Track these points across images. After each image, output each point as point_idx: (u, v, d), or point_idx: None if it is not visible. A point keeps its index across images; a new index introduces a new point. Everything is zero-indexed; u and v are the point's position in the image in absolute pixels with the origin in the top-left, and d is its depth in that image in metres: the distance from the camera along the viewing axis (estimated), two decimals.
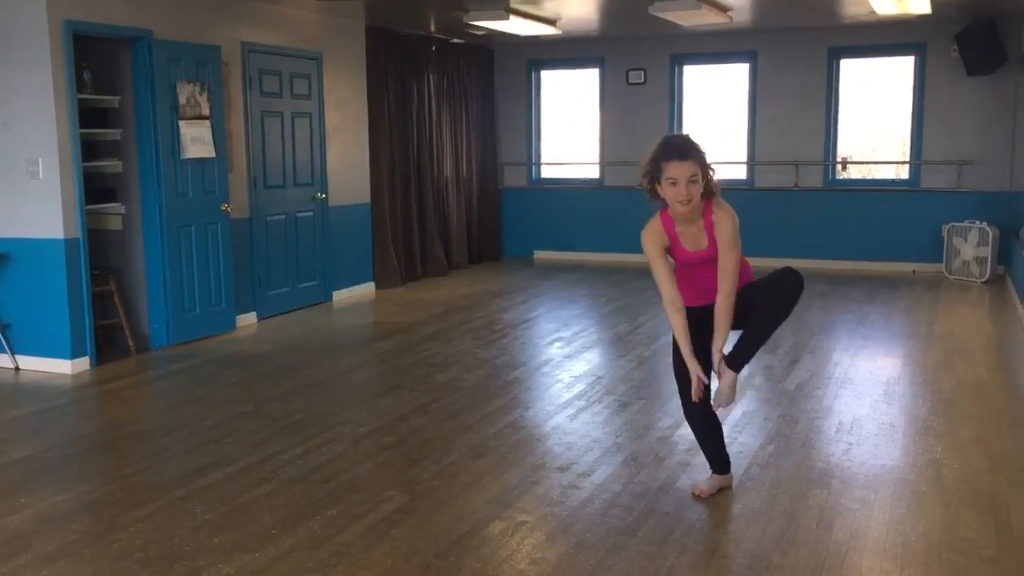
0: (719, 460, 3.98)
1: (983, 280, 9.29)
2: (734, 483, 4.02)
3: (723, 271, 3.72)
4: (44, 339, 6.19)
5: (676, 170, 3.60)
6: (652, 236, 3.84)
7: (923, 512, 3.73)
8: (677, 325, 3.80)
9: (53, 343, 6.17)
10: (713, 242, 3.73)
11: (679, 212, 3.68)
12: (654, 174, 3.69)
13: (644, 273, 10.85)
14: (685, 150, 3.64)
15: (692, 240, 3.77)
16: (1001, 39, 9.31)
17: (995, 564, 3.27)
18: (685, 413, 3.98)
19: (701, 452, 4.17)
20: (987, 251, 9.27)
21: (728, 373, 3.77)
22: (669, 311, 3.84)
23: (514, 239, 11.81)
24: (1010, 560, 3.30)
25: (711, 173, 3.69)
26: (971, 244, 9.39)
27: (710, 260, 3.76)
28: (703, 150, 3.68)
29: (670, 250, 3.83)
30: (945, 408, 5.13)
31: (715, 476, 3.97)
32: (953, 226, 9.56)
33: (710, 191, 3.70)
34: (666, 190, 3.66)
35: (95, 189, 6.56)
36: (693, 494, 3.92)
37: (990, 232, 9.25)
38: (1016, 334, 6.98)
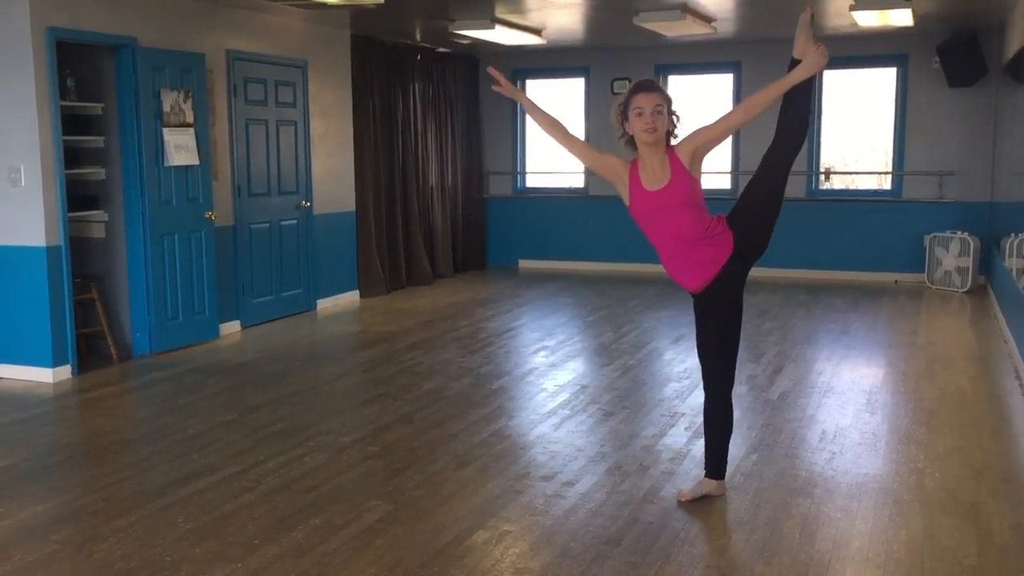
0: (717, 463, 3.97)
1: (964, 290, 9.36)
2: (718, 492, 4.02)
3: (726, 121, 3.91)
4: (25, 347, 6.15)
5: (642, 100, 3.76)
6: (618, 160, 3.94)
7: (905, 521, 3.74)
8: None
9: (34, 351, 6.13)
10: (676, 173, 3.78)
11: (645, 143, 3.78)
12: (625, 112, 3.82)
13: (629, 282, 10.93)
14: (652, 85, 3.86)
15: (654, 176, 3.81)
16: (982, 51, 9.40)
17: (977, 572, 3.29)
18: (706, 404, 3.96)
19: (685, 460, 4.18)
20: (968, 261, 9.34)
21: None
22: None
23: (499, 248, 11.82)
24: (991, 569, 3.32)
25: (675, 119, 3.85)
26: (952, 254, 9.46)
27: (671, 202, 3.78)
28: (671, 97, 3.87)
29: (628, 194, 3.90)
30: (927, 417, 5.16)
31: (706, 480, 3.98)
32: (935, 236, 9.63)
33: (672, 134, 3.84)
34: (633, 123, 3.78)
35: (78, 196, 6.53)
36: (678, 500, 3.93)
37: (971, 242, 9.32)
38: (997, 343, 7.03)
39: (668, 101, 3.81)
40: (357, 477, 4.31)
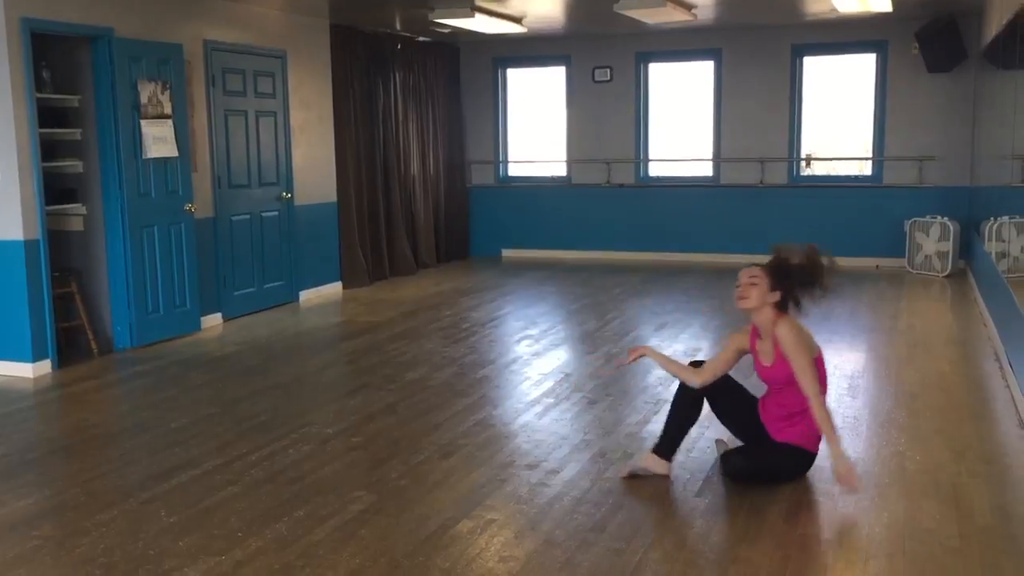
0: (671, 444, 4.06)
1: (945, 274, 9.42)
2: (701, 478, 4.04)
3: (798, 378, 3.85)
4: (4, 342, 6.09)
5: (742, 273, 3.93)
6: (739, 334, 4.08)
7: (886, 504, 3.77)
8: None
9: (13, 346, 6.08)
10: (778, 359, 3.87)
11: (746, 313, 3.93)
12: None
13: (613, 270, 10.93)
14: (758, 265, 3.94)
15: (765, 354, 3.96)
16: (961, 37, 9.45)
17: (958, 554, 3.32)
18: (678, 391, 4.11)
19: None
20: (948, 246, 9.40)
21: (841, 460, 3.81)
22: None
23: (482, 237, 11.80)
24: (973, 550, 3.34)
25: (794, 291, 3.86)
26: (933, 239, 9.51)
27: (778, 380, 3.91)
28: (790, 269, 3.86)
29: (753, 364, 4.05)
30: (908, 401, 5.19)
31: (653, 456, 4.04)
32: (915, 221, 9.68)
33: (783, 306, 3.88)
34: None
35: (55, 189, 6.46)
36: (620, 475, 4.05)
37: (951, 227, 9.38)
38: (977, 327, 7.08)
39: (771, 276, 3.84)
40: (341, 468, 4.30)
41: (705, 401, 4.11)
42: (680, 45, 10.70)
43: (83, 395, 5.76)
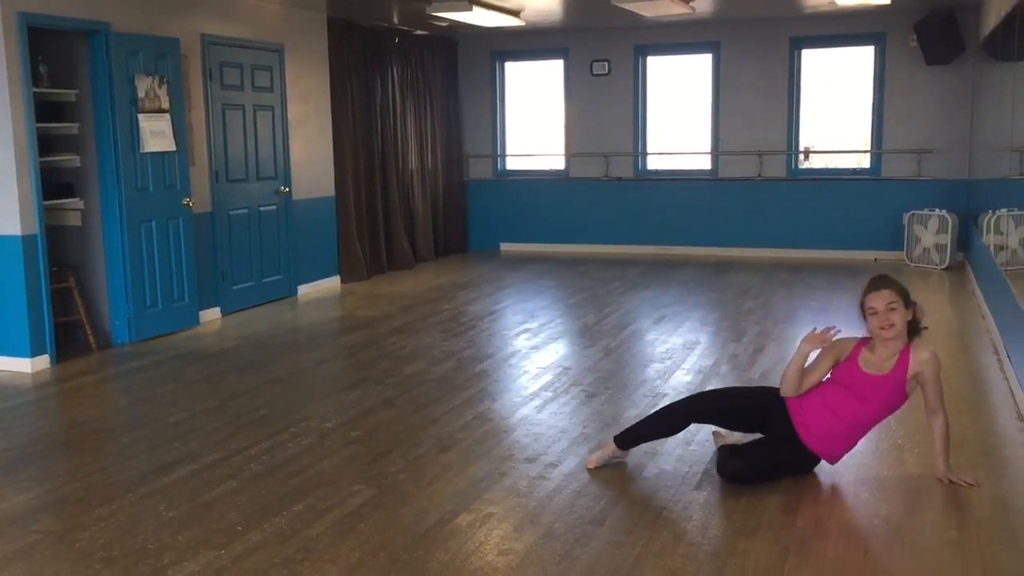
0: (635, 441, 4.12)
1: (943, 267, 9.42)
2: (700, 471, 4.05)
3: (931, 407, 3.86)
4: (2, 337, 6.09)
5: (874, 299, 3.78)
6: (840, 342, 3.95)
7: (885, 496, 3.77)
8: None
9: (12, 341, 6.07)
10: (894, 374, 3.79)
11: (884, 340, 3.80)
12: (862, 312, 3.86)
13: (611, 264, 10.92)
14: (881, 282, 3.84)
15: (874, 365, 3.84)
16: (959, 29, 9.44)
17: (956, 546, 3.32)
18: (679, 404, 4.16)
19: (668, 440, 4.22)
20: (947, 238, 9.40)
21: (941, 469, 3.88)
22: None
23: (480, 231, 11.79)
24: (972, 542, 3.35)
25: (917, 313, 3.84)
26: (931, 232, 9.52)
27: (868, 391, 3.82)
28: (905, 288, 3.86)
29: (839, 363, 3.93)
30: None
31: (614, 446, 4.11)
32: (913, 214, 9.68)
33: (915, 330, 3.84)
34: (869, 322, 3.81)
35: (53, 184, 6.45)
36: (587, 467, 4.09)
37: (949, 220, 9.38)
38: (975, 319, 7.09)
39: (903, 294, 3.81)
40: (340, 462, 4.30)
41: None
42: (678, 38, 10.68)
43: (82, 390, 5.76)
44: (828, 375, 3.95)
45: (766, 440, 4.00)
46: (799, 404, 3.92)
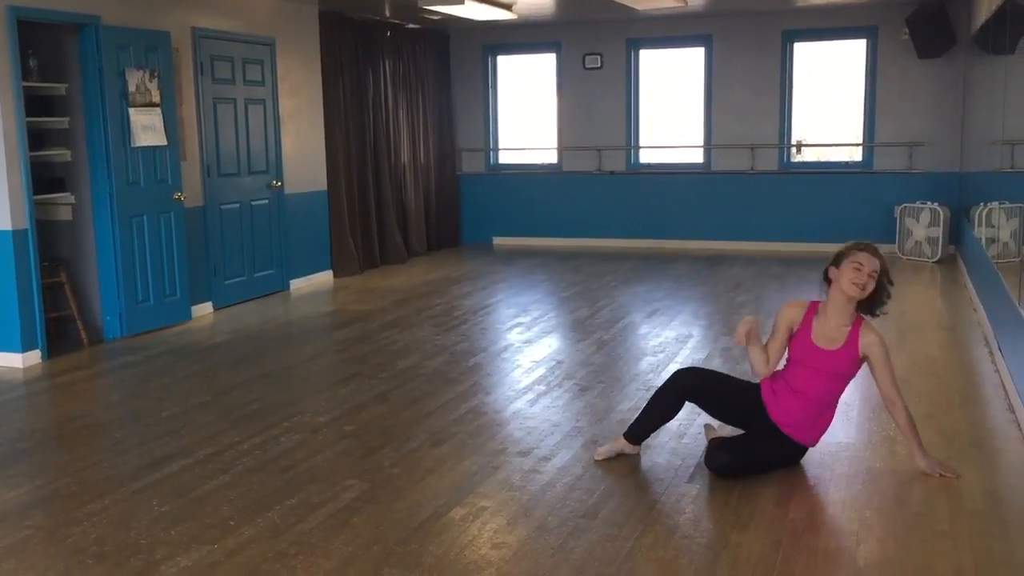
0: (643, 433, 4.12)
1: (935, 260, 9.45)
2: (692, 464, 4.06)
3: (886, 396, 3.95)
4: None
5: (866, 259, 3.82)
6: (790, 307, 4.02)
7: (877, 489, 3.79)
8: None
9: (3, 336, 6.05)
10: (849, 345, 3.85)
11: (847, 295, 3.82)
12: (836, 260, 3.88)
13: (604, 258, 10.92)
14: (877, 253, 3.88)
15: (826, 337, 3.89)
16: (950, 22, 9.45)
17: (948, 538, 3.33)
18: (669, 381, 4.14)
19: (661, 433, 4.22)
20: (938, 231, 9.42)
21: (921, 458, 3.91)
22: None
23: (473, 225, 11.78)
24: (963, 534, 3.36)
25: (887, 296, 3.90)
26: (923, 224, 9.54)
27: (825, 366, 3.87)
28: (888, 269, 3.91)
29: (793, 336, 3.96)
30: (899, 385, 5.19)
31: (624, 441, 4.11)
32: (905, 207, 9.71)
33: (870, 308, 3.89)
34: (844, 272, 3.83)
35: (43, 179, 6.42)
36: (595, 459, 4.10)
37: (941, 212, 9.40)
38: (967, 312, 7.11)
39: (886, 274, 3.87)
40: (333, 456, 4.29)
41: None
42: (670, 31, 10.68)
43: (73, 385, 5.74)
44: (787, 341, 4.00)
45: (751, 434, 4.01)
46: (772, 395, 3.97)
